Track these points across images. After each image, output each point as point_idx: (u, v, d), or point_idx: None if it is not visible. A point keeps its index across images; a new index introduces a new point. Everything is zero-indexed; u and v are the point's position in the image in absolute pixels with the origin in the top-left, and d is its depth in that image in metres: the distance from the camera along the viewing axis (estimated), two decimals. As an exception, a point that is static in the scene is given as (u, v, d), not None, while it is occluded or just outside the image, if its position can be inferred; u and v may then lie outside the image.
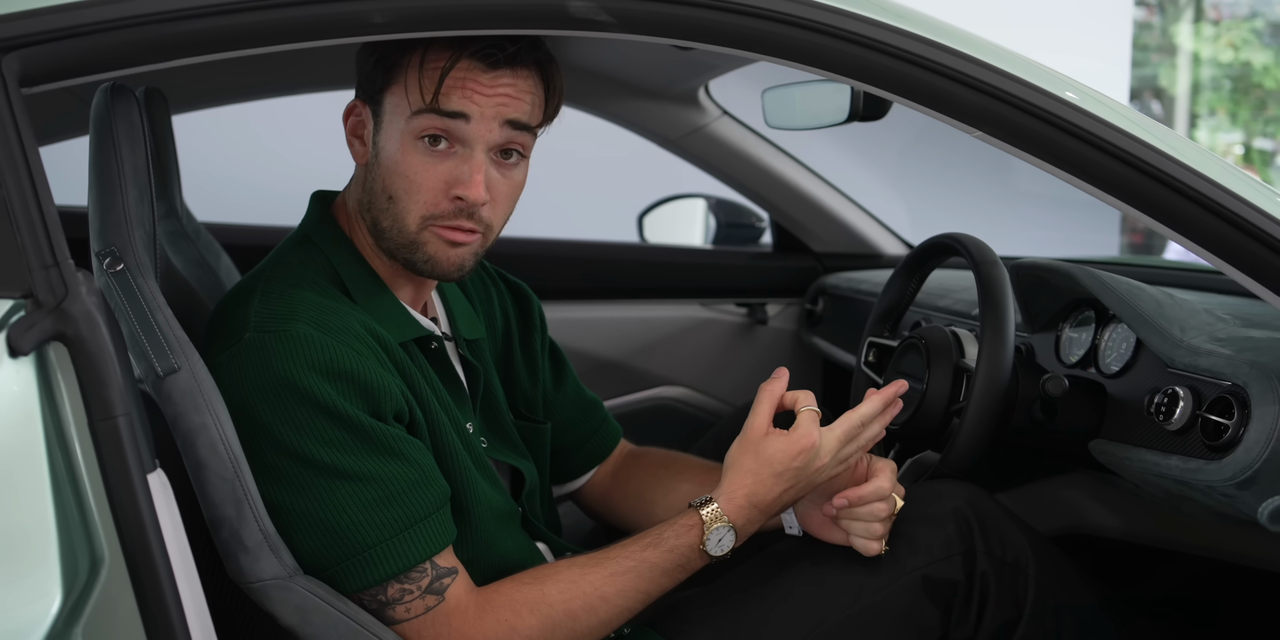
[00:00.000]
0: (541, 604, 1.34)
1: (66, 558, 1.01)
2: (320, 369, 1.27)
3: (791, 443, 1.37)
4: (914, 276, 1.86)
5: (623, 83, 2.37)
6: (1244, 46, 8.67)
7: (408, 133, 1.33)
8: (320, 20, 1.15)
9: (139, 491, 1.07)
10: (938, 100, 1.23)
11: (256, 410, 1.26)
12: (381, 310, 1.40)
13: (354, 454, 1.27)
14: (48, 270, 1.05)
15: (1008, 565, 1.44)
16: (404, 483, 1.29)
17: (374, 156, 1.37)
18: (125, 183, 1.27)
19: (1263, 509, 1.26)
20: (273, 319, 1.30)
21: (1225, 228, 1.22)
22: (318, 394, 1.26)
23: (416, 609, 1.30)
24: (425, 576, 1.30)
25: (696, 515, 1.37)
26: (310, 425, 1.26)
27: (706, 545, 1.36)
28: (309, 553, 1.27)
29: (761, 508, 1.38)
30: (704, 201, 2.97)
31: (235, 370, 1.28)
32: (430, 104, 1.31)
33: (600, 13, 1.18)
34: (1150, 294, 1.51)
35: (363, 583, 1.27)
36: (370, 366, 1.30)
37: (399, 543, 1.28)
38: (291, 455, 1.26)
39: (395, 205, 1.35)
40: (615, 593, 1.35)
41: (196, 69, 1.20)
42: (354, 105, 1.40)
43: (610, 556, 1.37)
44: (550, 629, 1.33)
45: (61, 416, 1.05)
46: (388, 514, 1.28)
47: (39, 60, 1.10)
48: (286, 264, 1.39)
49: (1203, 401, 1.37)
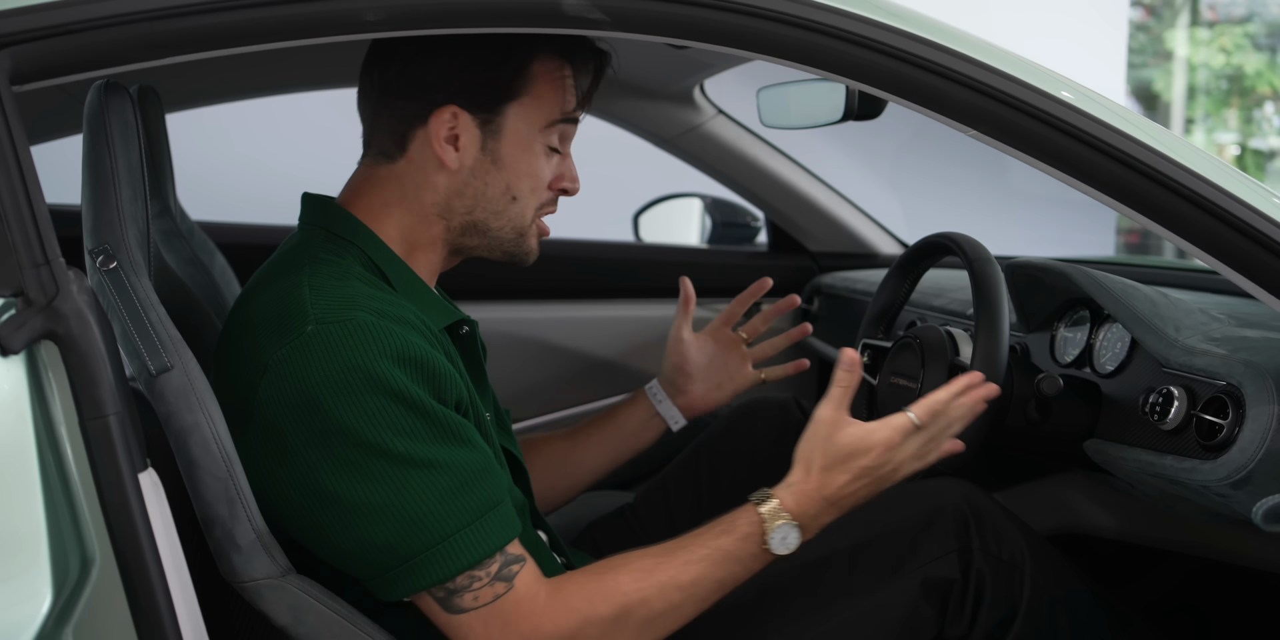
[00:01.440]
0: (615, 592, 1.30)
1: (57, 557, 1.01)
2: (391, 355, 1.24)
3: (873, 437, 1.33)
4: (909, 276, 1.86)
5: (618, 81, 2.37)
6: (1236, 51, 8.67)
7: (540, 140, 1.41)
8: (313, 18, 1.15)
9: (130, 491, 1.06)
10: (933, 99, 1.23)
11: (326, 404, 1.23)
12: (422, 299, 1.39)
13: (427, 442, 1.25)
14: (38, 268, 1.04)
15: (1004, 563, 1.44)
16: (475, 469, 1.27)
17: (488, 161, 1.39)
18: (119, 180, 1.26)
19: (1257, 509, 1.26)
20: (333, 309, 1.27)
21: (1221, 227, 1.21)
22: (391, 380, 1.23)
23: (485, 597, 1.26)
24: (495, 563, 1.27)
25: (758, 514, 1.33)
26: (384, 414, 1.23)
27: (770, 543, 1.32)
28: (381, 548, 1.24)
29: (832, 500, 1.34)
30: (699, 201, 2.96)
31: (301, 364, 1.24)
32: (574, 112, 1.42)
33: (594, 11, 1.18)
34: (1145, 293, 1.51)
35: (442, 574, 1.24)
36: (436, 354, 1.29)
37: (476, 530, 1.25)
38: (364, 447, 1.23)
39: (517, 204, 1.42)
40: (690, 581, 1.32)
41: (190, 67, 1.20)
42: (448, 112, 1.37)
43: (683, 546, 1.34)
44: (624, 618, 1.30)
45: (52, 415, 1.05)
46: (463, 501, 1.25)
47: (31, 58, 1.10)
48: (322, 259, 1.35)
49: (1197, 401, 1.37)
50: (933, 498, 1.47)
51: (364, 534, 1.24)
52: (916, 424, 1.34)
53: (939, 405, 1.35)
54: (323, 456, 1.23)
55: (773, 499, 1.33)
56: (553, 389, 2.63)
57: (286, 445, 1.25)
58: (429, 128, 1.38)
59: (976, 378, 1.38)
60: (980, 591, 1.43)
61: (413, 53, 1.37)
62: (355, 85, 1.45)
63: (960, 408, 1.36)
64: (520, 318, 2.61)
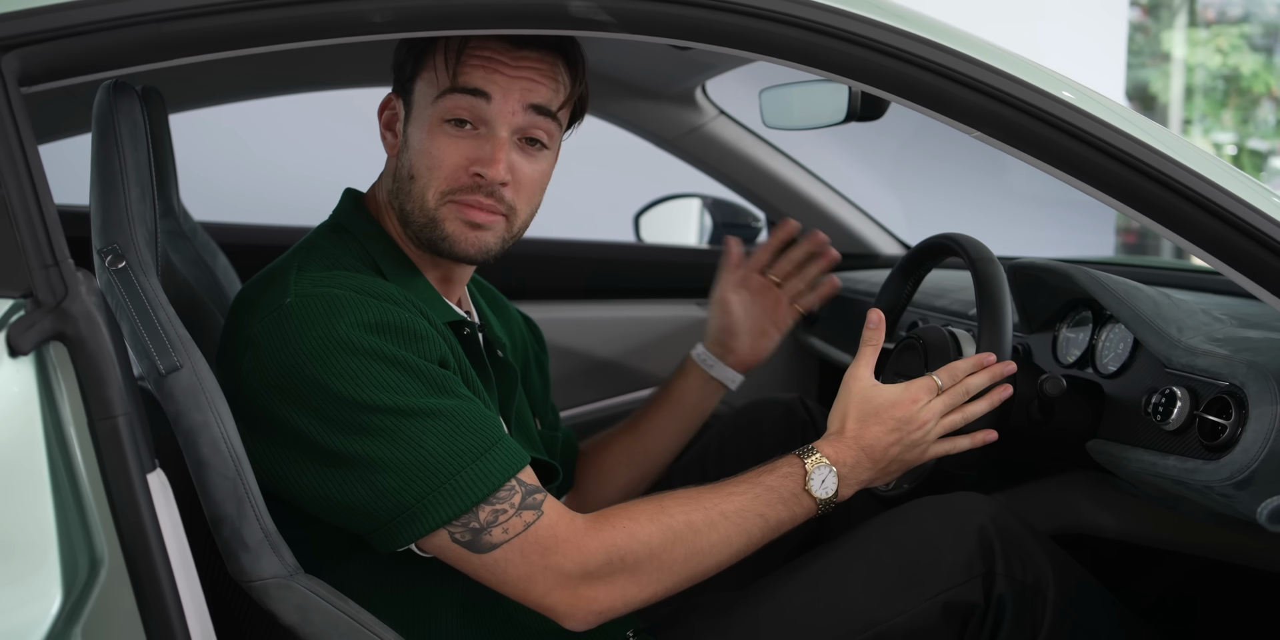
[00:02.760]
0: (661, 514, 1.31)
1: (66, 558, 1.01)
2: (365, 325, 1.26)
3: (900, 391, 1.43)
4: (911, 277, 1.86)
5: (620, 82, 2.37)
6: (1232, 52, 8.68)
7: (434, 116, 1.37)
8: (319, 19, 1.15)
9: (139, 491, 1.07)
10: (937, 100, 1.23)
11: (306, 369, 1.25)
12: (416, 292, 1.40)
13: (415, 394, 1.26)
14: (47, 270, 1.05)
15: (1027, 587, 1.42)
16: (470, 414, 1.28)
17: (404, 144, 1.40)
18: (128, 180, 1.27)
19: (1262, 509, 1.26)
20: (313, 285, 1.30)
21: (1223, 228, 1.22)
22: (367, 345, 1.25)
23: (515, 527, 1.26)
24: (515, 493, 1.27)
25: (798, 458, 1.39)
26: (366, 373, 1.24)
27: (810, 484, 1.37)
28: (386, 493, 1.24)
29: (869, 452, 1.41)
30: (700, 201, 2.96)
31: (278, 334, 1.27)
32: (454, 83, 1.35)
33: (600, 12, 1.18)
34: (1148, 294, 1.51)
35: (452, 512, 1.24)
36: (413, 318, 1.30)
37: (482, 465, 1.25)
38: (353, 405, 1.24)
39: (416, 184, 1.38)
40: (735, 510, 1.34)
41: (194, 68, 1.20)
42: (388, 99, 1.44)
43: (725, 482, 1.38)
44: (672, 539, 1.30)
45: (61, 416, 1.05)
46: (463, 441, 1.26)
47: (39, 59, 1.10)
48: (319, 247, 1.39)
49: (1200, 401, 1.38)
50: (958, 516, 1.45)
51: (365, 486, 1.24)
52: (939, 384, 1.45)
53: (959, 369, 1.45)
54: (312, 419, 1.25)
55: (812, 447, 1.40)
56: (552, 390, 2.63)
57: (273, 414, 1.26)
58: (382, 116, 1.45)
59: (989, 357, 1.47)
60: (1000, 616, 1.42)
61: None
62: (361, 86, 1.47)
63: (978, 379, 1.45)
64: (521, 318, 2.61)
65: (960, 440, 1.46)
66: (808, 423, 1.83)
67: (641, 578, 1.30)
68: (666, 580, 1.31)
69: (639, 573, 1.29)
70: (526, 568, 1.26)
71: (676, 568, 1.31)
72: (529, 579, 1.26)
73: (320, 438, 1.25)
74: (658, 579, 1.30)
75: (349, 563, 1.35)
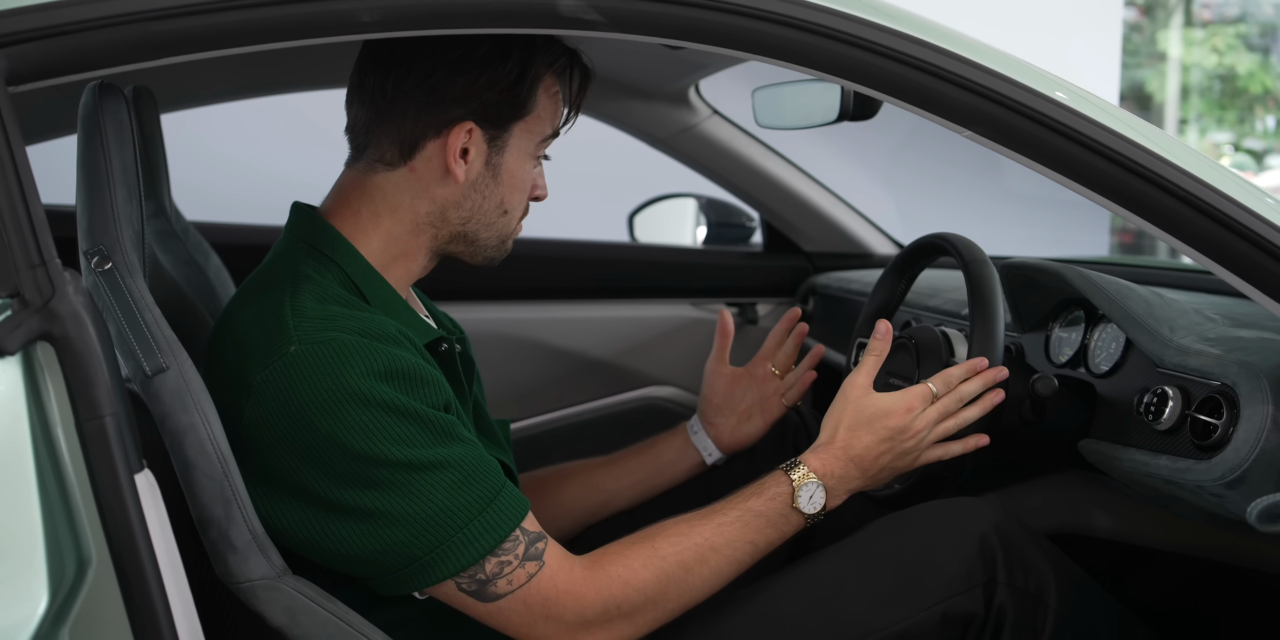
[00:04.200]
0: (654, 558, 1.34)
1: (53, 558, 1.00)
2: (375, 372, 1.26)
3: (895, 401, 1.43)
4: (904, 276, 1.86)
5: (612, 82, 2.37)
6: (1228, 51, 8.68)
7: (532, 154, 1.44)
8: (308, 18, 1.15)
9: (126, 492, 1.06)
10: (928, 100, 1.23)
11: (317, 421, 1.24)
12: (399, 315, 1.39)
13: (424, 446, 1.27)
14: (34, 269, 1.04)
15: (1029, 595, 1.41)
16: (474, 461, 1.30)
17: (489, 176, 1.41)
18: (114, 181, 1.26)
19: (1251, 509, 1.26)
20: (316, 329, 1.29)
21: (1215, 228, 1.22)
22: (377, 395, 1.25)
23: (519, 579, 1.28)
24: (519, 544, 1.29)
25: (785, 476, 1.40)
26: (377, 426, 1.25)
27: (798, 502, 1.39)
28: (396, 546, 1.25)
29: (859, 462, 1.42)
30: (694, 201, 2.96)
31: (285, 386, 1.26)
32: (558, 129, 1.46)
33: (590, 12, 1.18)
34: (1140, 294, 1.51)
35: (461, 564, 1.26)
36: (419, 362, 1.31)
37: (489, 516, 1.27)
38: (363, 459, 1.25)
39: (507, 217, 1.45)
40: (725, 542, 1.36)
41: (185, 68, 1.20)
42: (465, 128, 1.38)
43: (715, 510, 1.39)
44: (665, 582, 1.33)
45: (48, 416, 1.04)
46: (470, 492, 1.27)
47: (27, 58, 1.10)
48: (305, 276, 1.36)
49: (1192, 401, 1.38)
50: (959, 524, 1.44)
51: (373, 539, 1.25)
52: (934, 392, 1.45)
53: (953, 376, 1.46)
54: (319, 472, 1.25)
55: (798, 462, 1.41)
56: (547, 390, 2.63)
57: (278, 465, 1.26)
58: (445, 141, 1.38)
59: (982, 362, 1.48)
60: (1000, 626, 1.41)
61: (435, 65, 1.36)
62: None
63: (971, 385, 1.46)
64: (515, 318, 2.61)
65: (953, 446, 1.47)
66: (800, 427, 1.83)
67: (637, 620, 1.34)
68: (661, 618, 1.36)
69: (635, 616, 1.34)
70: (528, 617, 1.30)
71: (670, 606, 1.36)
72: (529, 626, 1.31)
73: (328, 491, 1.25)
74: (653, 618, 1.35)
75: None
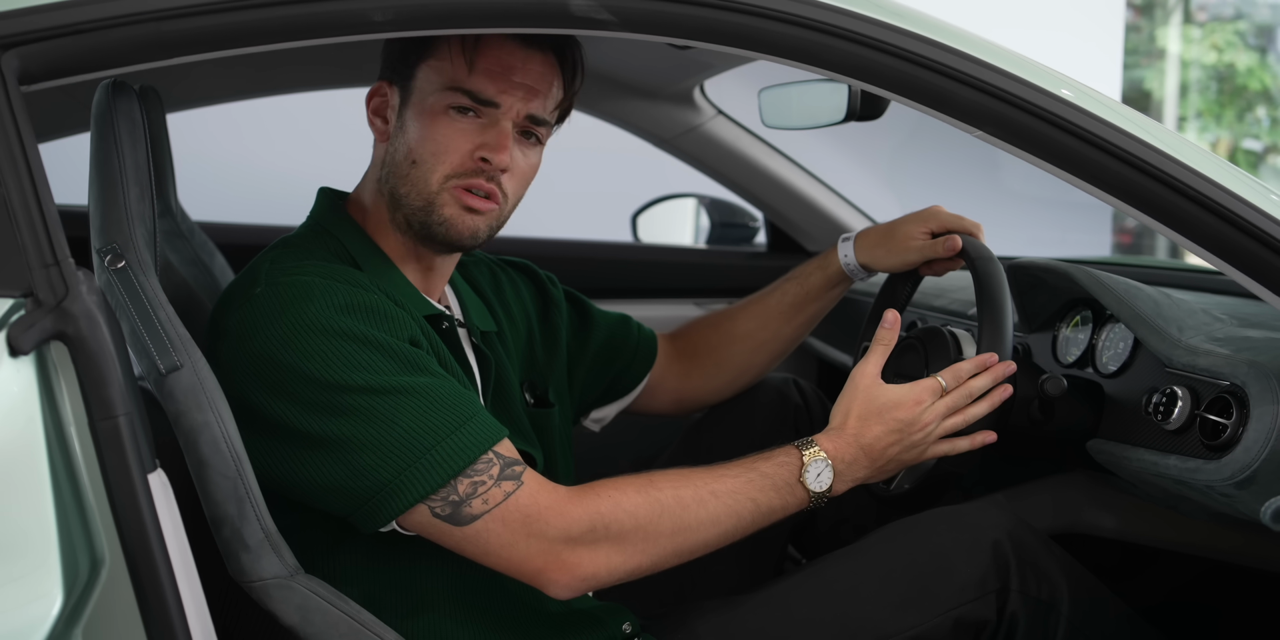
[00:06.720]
0: (649, 487, 1.31)
1: (67, 558, 1.01)
2: (334, 306, 1.28)
3: (905, 393, 1.42)
4: (910, 277, 1.86)
5: (617, 82, 2.37)
6: (1228, 48, 8.68)
7: (438, 102, 1.38)
8: (321, 18, 1.15)
9: (139, 491, 1.06)
10: (938, 99, 1.23)
11: (279, 354, 1.26)
12: (394, 285, 1.40)
13: (388, 373, 1.27)
14: (48, 269, 1.04)
15: (1041, 603, 1.42)
16: (443, 390, 1.29)
17: (398, 129, 1.41)
18: (127, 179, 1.27)
19: (1265, 509, 1.26)
20: (283, 273, 1.32)
21: (1224, 227, 1.22)
22: (337, 325, 1.27)
23: (495, 497, 1.26)
24: (493, 465, 1.27)
25: (796, 449, 1.39)
26: (338, 353, 1.26)
27: (805, 475, 1.37)
28: (364, 471, 1.25)
29: (868, 451, 1.40)
30: (698, 201, 2.96)
31: (250, 322, 1.29)
32: (465, 85, 1.37)
33: (601, 11, 1.18)
34: (1148, 294, 1.51)
35: (430, 486, 1.25)
36: (384, 302, 1.32)
37: (458, 438, 1.26)
38: (326, 386, 1.25)
39: (418, 168, 1.39)
40: (726, 490, 1.34)
41: (193, 67, 1.20)
42: (379, 87, 1.44)
43: (720, 465, 1.37)
44: (658, 512, 1.30)
45: (62, 416, 1.04)
46: (437, 416, 1.26)
47: (39, 58, 1.10)
48: (293, 244, 1.41)
49: (1201, 401, 1.38)
50: (973, 530, 1.44)
51: (343, 466, 1.25)
52: (944, 386, 1.44)
53: (962, 371, 1.45)
54: (288, 404, 1.26)
55: (811, 440, 1.40)
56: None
57: (251, 401, 1.28)
58: (371, 103, 1.45)
59: (991, 358, 1.46)
60: (1013, 633, 1.41)
61: None
62: (359, 85, 1.46)
63: (980, 380, 1.45)
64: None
65: (960, 442, 1.46)
66: (801, 404, 1.83)
67: (626, 547, 1.29)
68: (652, 551, 1.31)
69: (624, 541, 1.29)
70: (508, 536, 1.26)
71: (662, 540, 1.31)
72: (510, 547, 1.27)
73: (297, 421, 1.26)
74: (643, 550, 1.30)
75: (338, 552, 1.35)
